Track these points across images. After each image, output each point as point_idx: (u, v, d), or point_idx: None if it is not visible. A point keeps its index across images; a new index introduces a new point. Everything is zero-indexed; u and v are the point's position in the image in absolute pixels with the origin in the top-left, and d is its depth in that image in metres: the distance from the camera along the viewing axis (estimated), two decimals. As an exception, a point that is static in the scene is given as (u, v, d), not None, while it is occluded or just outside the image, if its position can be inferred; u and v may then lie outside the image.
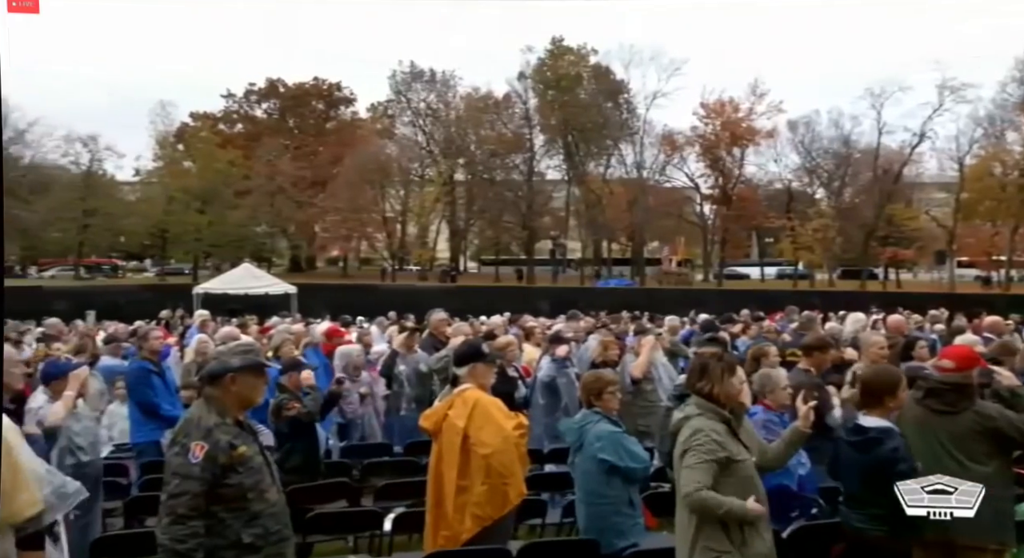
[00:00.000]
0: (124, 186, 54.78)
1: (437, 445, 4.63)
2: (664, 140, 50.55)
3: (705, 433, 3.56)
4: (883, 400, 4.07)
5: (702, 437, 3.55)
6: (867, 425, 4.05)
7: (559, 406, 7.55)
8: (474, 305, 21.66)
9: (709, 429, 3.58)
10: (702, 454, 3.49)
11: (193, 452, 3.21)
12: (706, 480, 3.45)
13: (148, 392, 7.11)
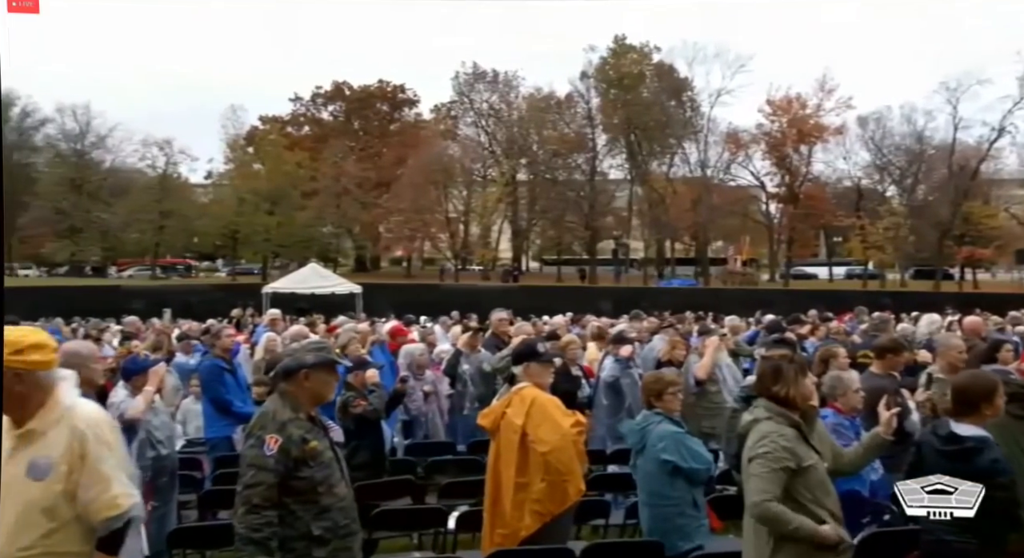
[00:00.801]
0: (197, 188, 56.53)
1: (495, 443, 4.66)
2: (729, 138, 49.81)
3: (772, 439, 3.46)
4: (979, 407, 3.81)
5: (770, 444, 3.44)
6: (963, 434, 3.78)
7: (622, 407, 7.51)
8: (536, 305, 21.68)
9: (777, 434, 3.48)
10: (769, 462, 3.40)
11: (268, 444, 3.30)
12: (773, 490, 3.35)
13: (220, 389, 7.30)
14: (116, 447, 2.96)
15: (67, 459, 2.79)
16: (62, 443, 2.81)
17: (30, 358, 2.85)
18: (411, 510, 5.66)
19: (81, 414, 2.90)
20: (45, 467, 2.74)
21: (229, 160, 54.08)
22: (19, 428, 2.80)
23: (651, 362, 8.11)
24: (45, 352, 2.91)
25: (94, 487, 2.81)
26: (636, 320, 12.00)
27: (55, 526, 2.78)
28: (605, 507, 5.65)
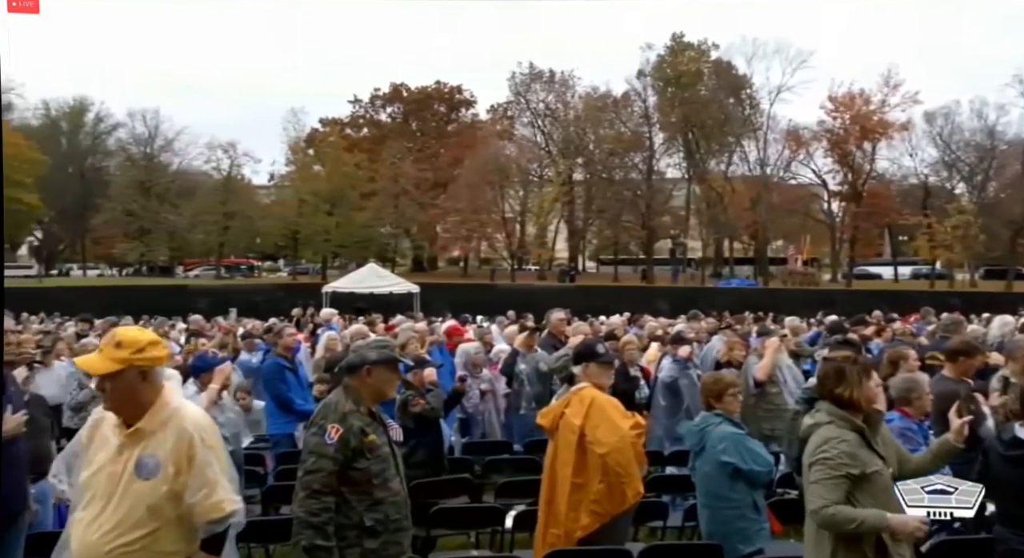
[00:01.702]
0: (260, 190, 57.83)
1: (553, 442, 4.65)
2: (789, 136, 48.94)
3: (834, 445, 3.37)
4: None
5: (831, 449, 3.35)
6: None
7: (681, 408, 7.44)
8: (592, 305, 21.61)
9: (839, 440, 3.38)
10: (830, 469, 3.30)
11: (329, 433, 3.40)
12: (833, 496, 3.26)
13: (282, 387, 7.45)
14: (220, 451, 3.03)
15: (174, 460, 2.86)
16: (170, 444, 2.87)
17: (152, 354, 2.94)
18: (469, 508, 5.69)
19: (188, 416, 2.97)
20: (153, 467, 2.81)
21: (290, 162, 55.22)
22: (128, 427, 2.87)
23: (710, 363, 8.01)
24: (161, 349, 3.03)
25: (200, 490, 2.88)
26: (694, 320, 11.87)
27: (158, 525, 2.84)
28: (663, 509, 5.60)
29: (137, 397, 2.88)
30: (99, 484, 2.83)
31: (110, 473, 2.82)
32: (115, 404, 2.88)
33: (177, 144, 55.17)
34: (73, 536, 2.86)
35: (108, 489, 2.81)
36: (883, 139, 47.12)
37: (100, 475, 2.84)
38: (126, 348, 2.87)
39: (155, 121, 54.55)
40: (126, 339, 2.92)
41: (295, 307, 20.58)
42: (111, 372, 2.85)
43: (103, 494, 2.81)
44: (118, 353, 2.87)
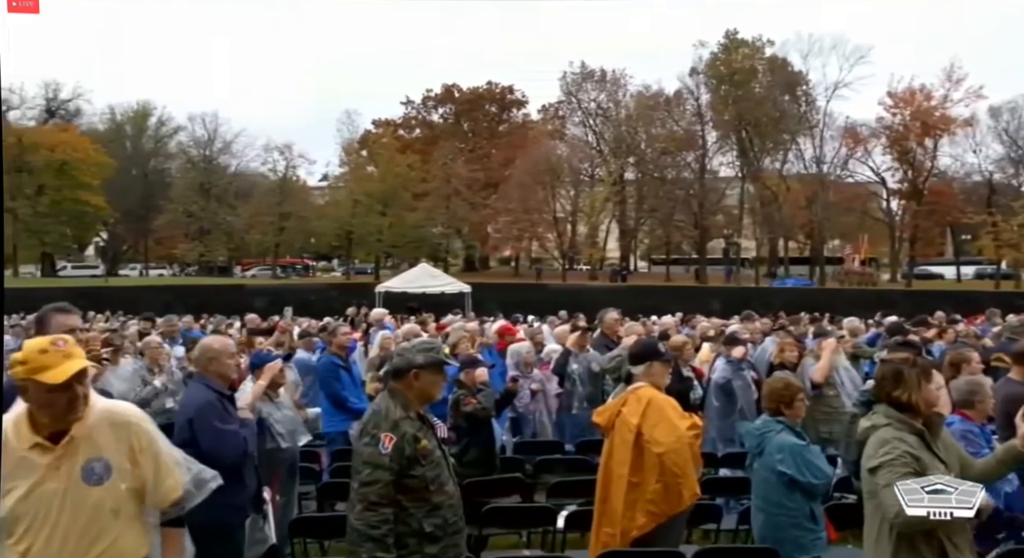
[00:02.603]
0: (315, 191, 58.78)
1: (609, 441, 4.63)
2: (846, 133, 47.94)
3: (894, 445, 3.31)
4: None
5: (892, 449, 3.28)
6: None
7: (734, 409, 7.35)
8: (644, 304, 21.47)
9: (899, 440, 3.33)
10: (898, 468, 3.24)
11: (383, 443, 3.36)
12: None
13: (336, 385, 7.56)
14: (160, 434, 2.92)
15: (127, 455, 2.72)
16: (112, 442, 2.70)
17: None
18: (520, 508, 5.71)
19: (119, 409, 2.83)
20: (103, 470, 2.65)
21: (344, 163, 56.07)
22: (51, 441, 2.63)
23: (765, 364, 7.90)
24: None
25: (159, 474, 2.79)
26: (748, 321, 11.71)
27: (121, 528, 2.70)
28: (717, 511, 5.54)
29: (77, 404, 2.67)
30: (35, 509, 2.56)
31: (49, 492, 2.58)
32: (66, 413, 2.62)
33: (235, 146, 56.60)
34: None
35: (52, 510, 2.57)
36: (945, 135, 45.83)
37: (31, 500, 2.57)
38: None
39: (214, 124, 56.02)
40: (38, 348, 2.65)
41: (349, 306, 20.87)
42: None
43: (44, 518, 2.57)
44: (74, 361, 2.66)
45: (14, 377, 2.58)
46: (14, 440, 2.58)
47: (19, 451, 2.57)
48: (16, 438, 2.58)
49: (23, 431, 2.59)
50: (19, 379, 2.56)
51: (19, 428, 2.60)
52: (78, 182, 51.63)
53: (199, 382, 4.49)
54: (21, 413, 2.62)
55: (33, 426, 2.60)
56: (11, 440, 2.58)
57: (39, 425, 2.60)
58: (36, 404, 2.58)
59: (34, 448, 2.57)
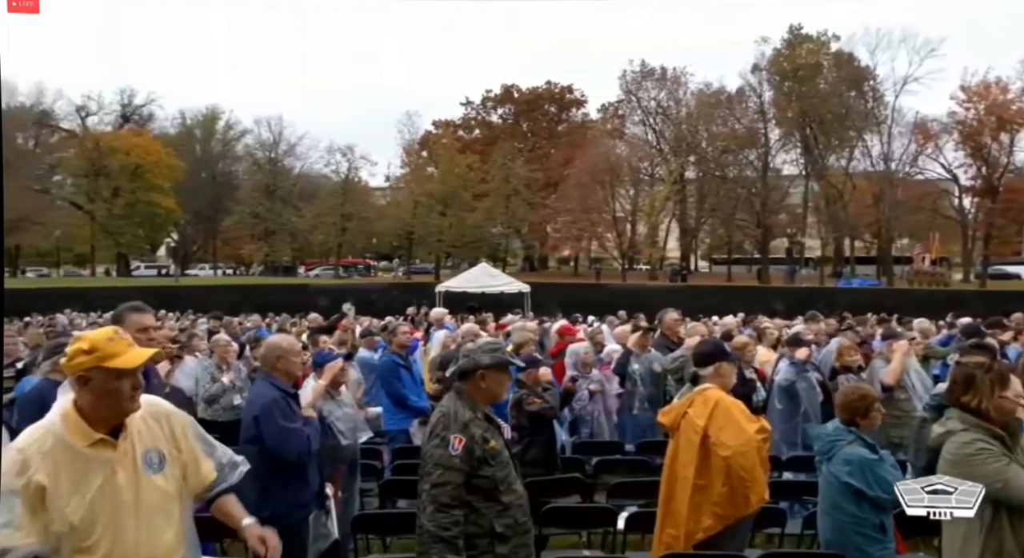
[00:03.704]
0: (376, 192, 59.64)
1: (674, 442, 4.59)
2: (916, 129, 46.54)
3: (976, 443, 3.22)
4: None
5: (978, 443, 3.19)
6: None
7: (798, 411, 7.20)
8: (704, 305, 21.19)
9: (980, 440, 3.23)
10: (988, 459, 3.15)
11: (453, 444, 3.36)
12: (1002, 474, 3.13)
13: (397, 384, 7.66)
14: (190, 419, 2.93)
15: (173, 444, 2.74)
16: (158, 431, 2.71)
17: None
18: (581, 508, 5.69)
19: (152, 401, 2.80)
20: (158, 459, 2.66)
21: (405, 164, 56.76)
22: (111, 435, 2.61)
23: (827, 367, 7.72)
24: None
25: (197, 459, 2.81)
26: (812, 321, 11.46)
27: (182, 511, 2.73)
28: (781, 515, 5.44)
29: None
30: (110, 505, 2.52)
31: (120, 486, 2.55)
32: (130, 402, 2.63)
33: (299, 148, 57.85)
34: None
35: (124, 503, 2.56)
36: (1022, 130, 44.11)
37: (105, 496, 2.52)
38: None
39: (279, 127, 57.30)
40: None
41: (409, 306, 21.10)
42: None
43: (117, 512, 2.54)
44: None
45: (76, 368, 2.54)
46: (72, 439, 2.51)
47: (81, 450, 2.51)
48: (74, 437, 2.52)
49: (81, 428, 2.53)
50: (84, 369, 2.53)
51: (74, 426, 2.53)
52: (151, 185, 53.43)
53: (264, 380, 4.57)
54: (67, 413, 2.56)
55: (88, 423, 2.55)
56: (69, 440, 2.50)
57: (94, 422, 2.55)
58: (99, 394, 2.54)
59: (96, 444, 2.53)
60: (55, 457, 2.47)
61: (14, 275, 52.14)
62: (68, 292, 34.12)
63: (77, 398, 2.56)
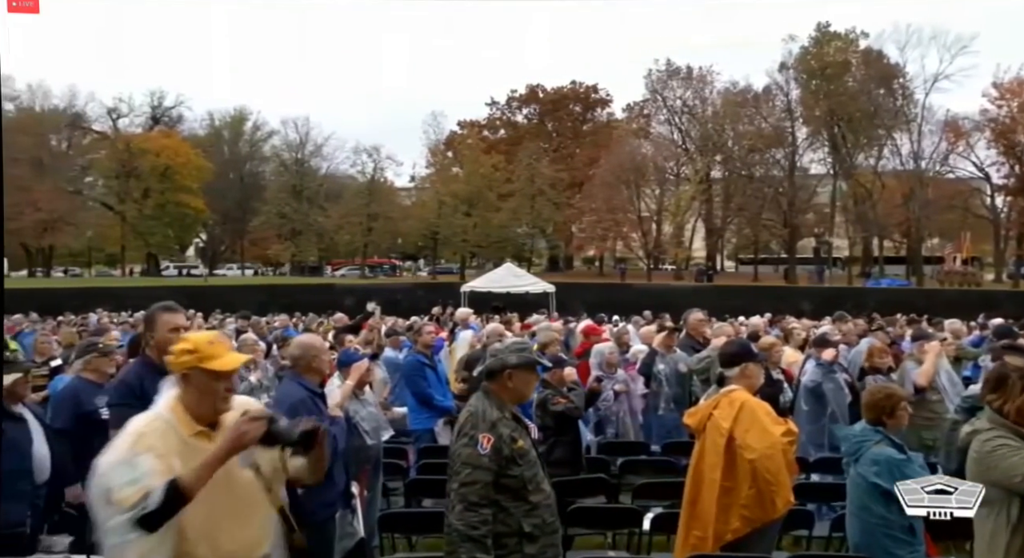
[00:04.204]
0: (401, 192, 59.89)
1: (699, 443, 4.56)
2: (947, 127, 45.94)
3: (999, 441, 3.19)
4: None
5: (1001, 439, 3.17)
6: None
7: (824, 412, 7.13)
8: (731, 305, 21.07)
9: (1003, 439, 3.20)
10: (1010, 453, 3.13)
11: (481, 443, 3.36)
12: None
13: (422, 384, 7.67)
14: None
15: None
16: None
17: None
18: (606, 509, 5.68)
19: (241, 400, 2.93)
20: (247, 453, 2.74)
21: (430, 164, 56.93)
22: (210, 427, 2.75)
23: (858, 367, 7.64)
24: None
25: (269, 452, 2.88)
26: (840, 322, 11.35)
27: (269, 503, 2.83)
28: (809, 517, 5.40)
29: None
30: (204, 495, 2.59)
31: (216, 478, 2.63)
32: (224, 402, 2.78)
33: (325, 149, 58.26)
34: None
35: (219, 493, 2.63)
36: (1056, 128, 43.42)
37: (210, 488, 2.62)
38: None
39: (306, 128, 57.73)
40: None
41: (434, 306, 21.14)
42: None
43: (211, 501, 2.61)
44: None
45: (179, 366, 2.73)
46: (178, 427, 2.69)
47: (185, 438, 2.68)
48: (180, 426, 2.69)
49: (184, 419, 2.71)
50: (186, 367, 2.71)
51: (179, 417, 2.71)
52: (180, 186, 54.09)
53: (292, 379, 4.61)
54: (173, 404, 2.74)
55: (190, 416, 2.73)
56: (176, 427, 2.69)
57: (194, 416, 2.72)
58: (198, 392, 2.71)
59: (197, 435, 2.69)
60: (167, 440, 2.64)
61: (47, 275, 53.07)
62: (100, 292, 34.59)
63: (180, 393, 2.75)
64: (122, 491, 2.49)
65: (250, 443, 2.63)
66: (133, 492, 2.48)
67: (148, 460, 2.55)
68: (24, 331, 14.20)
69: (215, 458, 2.58)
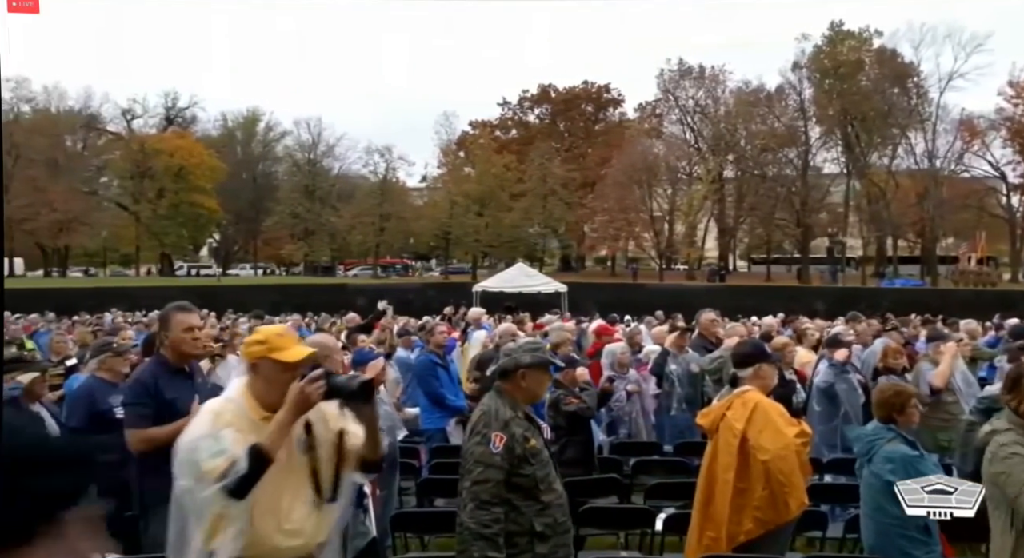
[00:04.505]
0: (413, 192, 60.00)
1: (712, 444, 4.54)
2: (962, 125, 45.65)
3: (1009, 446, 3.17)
4: None
5: (1011, 450, 3.15)
6: None
7: (837, 413, 7.09)
8: (743, 305, 20.99)
9: (1017, 444, 3.18)
10: (1018, 467, 3.10)
11: (494, 442, 3.37)
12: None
13: (435, 383, 7.68)
14: None
15: (323, 423, 2.97)
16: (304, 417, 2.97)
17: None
18: (618, 509, 5.67)
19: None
20: (305, 440, 2.90)
21: (442, 164, 57.00)
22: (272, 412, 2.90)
23: (872, 368, 7.60)
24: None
25: (351, 428, 3.02)
26: (854, 322, 11.29)
27: (341, 489, 2.98)
28: (822, 518, 5.37)
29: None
30: (269, 476, 2.71)
31: (280, 461, 2.75)
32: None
33: (338, 149, 58.48)
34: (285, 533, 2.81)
35: (280, 477, 2.76)
36: (1074, 126, 43.08)
37: (273, 468, 2.74)
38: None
39: (318, 128, 57.94)
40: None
41: (446, 305, 21.16)
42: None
43: (274, 483, 2.73)
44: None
45: (250, 356, 2.89)
46: (248, 410, 2.84)
47: (255, 420, 2.82)
48: (250, 409, 2.84)
49: (252, 405, 2.85)
50: (256, 357, 2.86)
51: (248, 402, 2.86)
52: (194, 186, 54.39)
53: (305, 379, 4.62)
54: (243, 390, 2.89)
55: (258, 402, 2.87)
56: (246, 408, 2.84)
57: (262, 403, 2.85)
58: (266, 381, 2.84)
59: (264, 420, 2.82)
60: (240, 421, 2.80)
61: (63, 275, 53.46)
62: (114, 292, 34.81)
63: (249, 380, 2.91)
64: (211, 462, 2.65)
65: (315, 401, 2.75)
66: (222, 461, 2.63)
67: (230, 433, 2.71)
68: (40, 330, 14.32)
69: (285, 420, 2.72)
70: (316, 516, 2.89)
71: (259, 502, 2.72)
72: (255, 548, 2.73)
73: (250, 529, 2.71)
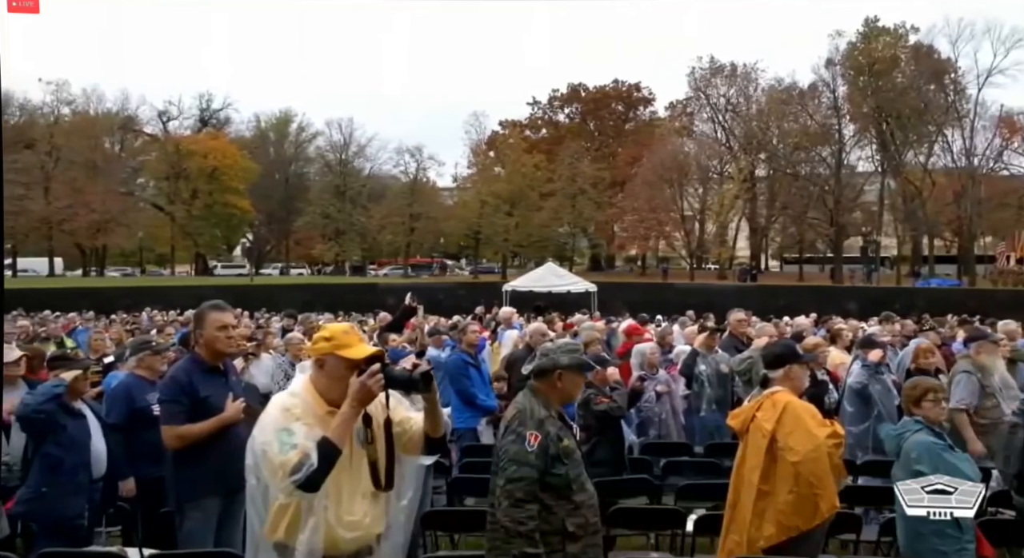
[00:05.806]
0: (443, 192, 60.22)
1: (742, 445, 4.50)
2: (1001, 122, 44.76)
3: None
4: None
5: None
6: None
7: (870, 415, 7.00)
8: (774, 305, 20.76)
9: None
10: None
11: (529, 441, 3.37)
12: None
13: (466, 382, 7.70)
14: None
15: (382, 414, 3.04)
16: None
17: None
18: (649, 509, 5.65)
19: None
20: (364, 434, 2.95)
21: (472, 164, 57.12)
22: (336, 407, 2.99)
23: (902, 370, 7.50)
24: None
25: (408, 416, 3.12)
26: (888, 322, 11.15)
27: (401, 483, 3.07)
28: (856, 521, 5.30)
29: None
30: (337, 470, 2.83)
31: (344, 455, 2.86)
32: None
33: (369, 150, 58.90)
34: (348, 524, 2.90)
35: (343, 469, 2.86)
36: (1116, 122, 42.07)
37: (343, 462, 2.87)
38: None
39: (349, 129, 58.39)
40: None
41: (477, 305, 21.22)
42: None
43: (337, 478, 2.84)
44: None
45: (316, 352, 3.00)
46: (313, 404, 2.94)
47: (321, 414, 2.91)
48: (314, 403, 2.94)
49: (317, 400, 2.95)
50: (322, 353, 2.97)
51: (313, 395, 2.96)
52: (227, 187, 55.08)
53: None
54: (307, 385, 3.00)
55: (321, 398, 2.96)
56: (311, 403, 2.94)
57: (326, 398, 2.95)
58: (330, 377, 2.95)
59: (329, 414, 2.91)
60: (307, 416, 2.90)
61: (101, 274, 54.42)
62: (150, 291, 35.38)
63: (313, 376, 3.02)
64: (284, 455, 2.74)
65: (376, 393, 2.84)
66: (295, 454, 2.73)
67: (300, 427, 2.81)
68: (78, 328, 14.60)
69: (349, 413, 2.83)
70: (375, 508, 2.97)
71: (322, 491, 2.81)
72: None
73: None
